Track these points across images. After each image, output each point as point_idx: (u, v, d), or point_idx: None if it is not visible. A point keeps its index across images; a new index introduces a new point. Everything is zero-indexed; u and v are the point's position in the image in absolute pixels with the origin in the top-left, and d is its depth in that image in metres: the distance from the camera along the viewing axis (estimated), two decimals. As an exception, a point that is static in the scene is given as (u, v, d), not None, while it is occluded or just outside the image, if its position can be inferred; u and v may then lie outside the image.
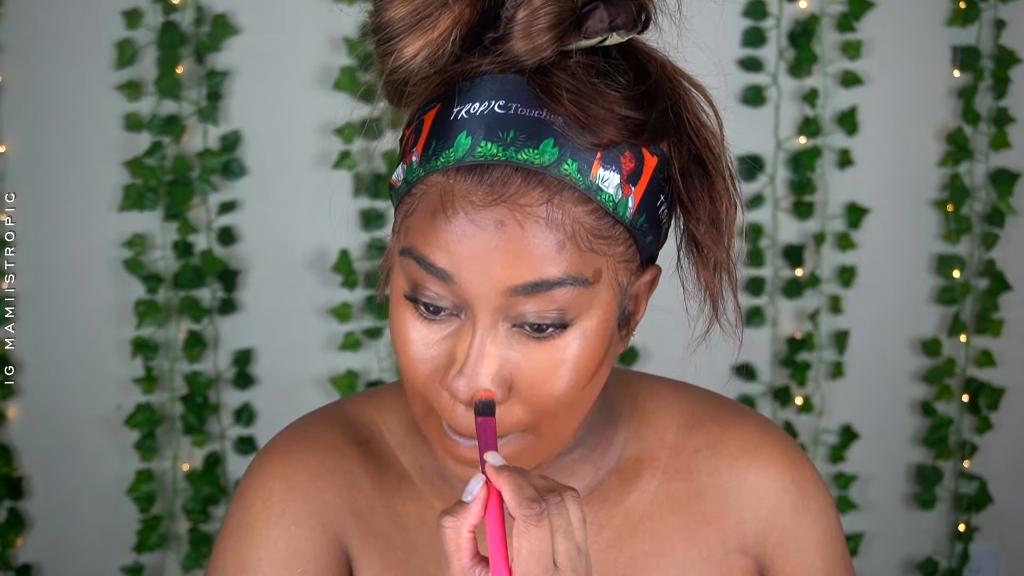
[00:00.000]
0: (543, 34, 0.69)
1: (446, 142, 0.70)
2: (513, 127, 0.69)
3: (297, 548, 0.81)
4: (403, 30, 0.69)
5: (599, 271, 0.71)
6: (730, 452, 0.85)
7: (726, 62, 2.17)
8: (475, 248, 0.68)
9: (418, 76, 0.71)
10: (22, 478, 2.13)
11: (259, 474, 0.84)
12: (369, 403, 0.87)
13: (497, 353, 0.70)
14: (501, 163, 0.69)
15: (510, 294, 0.69)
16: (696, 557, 0.83)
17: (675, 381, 0.90)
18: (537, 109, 0.69)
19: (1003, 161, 2.25)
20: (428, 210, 0.70)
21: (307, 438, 0.84)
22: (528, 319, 0.70)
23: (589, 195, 0.69)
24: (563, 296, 0.69)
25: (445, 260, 0.69)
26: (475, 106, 0.70)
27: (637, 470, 0.85)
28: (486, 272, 0.68)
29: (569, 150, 0.69)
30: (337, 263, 2.11)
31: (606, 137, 0.69)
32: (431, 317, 0.72)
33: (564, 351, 0.71)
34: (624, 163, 0.70)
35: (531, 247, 0.68)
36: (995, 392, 2.28)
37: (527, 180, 0.69)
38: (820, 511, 0.86)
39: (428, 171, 0.71)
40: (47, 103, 2.07)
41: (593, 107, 0.69)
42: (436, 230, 0.69)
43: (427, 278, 0.70)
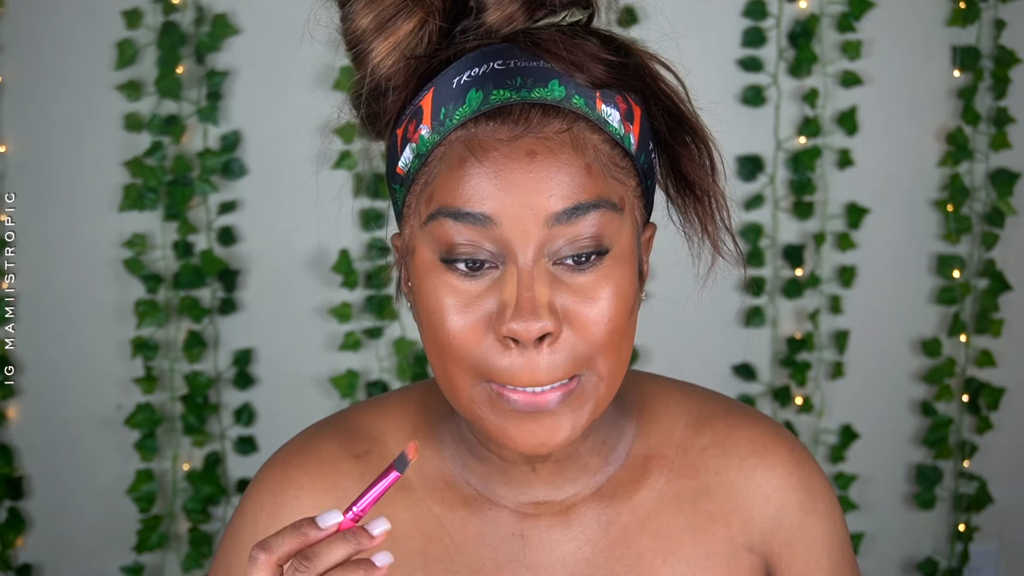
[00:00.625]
0: (513, 3, 0.73)
1: (457, 102, 0.72)
2: (519, 75, 0.72)
3: None
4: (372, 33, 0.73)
5: (623, 198, 0.74)
6: (738, 452, 0.86)
7: (726, 62, 2.17)
8: (512, 183, 0.71)
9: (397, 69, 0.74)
10: (22, 478, 2.13)
11: (257, 485, 0.86)
12: (374, 411, 0.88)
13: (544, 287, 0.71)
14: (518, 103, 0.72)
15: (551, 224, 0.71)
16: (703, 555, 0.84)
17: (682, 382, 0.91)
18: (534, 60, 0.73)
19: (1003, 161, 2.25)
20: (455, 163, 0.72)
21: (305, 451, 0.86)
22: (566, 252, 0.72)
23: (600, 125, 0.74)
24: (597, 220, 0.72)
25: (481, 204, 0.71)
26: (474, 70, 0.73)
27: (645, 467, 0.85)
28: (526, 205, 0.71)
29: (573, 88, 0.73)
30: (337, 263, 2.11)
31: (598, 76, 0.73)
32: (470, 274, 0.73)
33: (606, 276, 0.73)
34: (619, 103, 0.75)
35: (564, 172, 0.71)
36: (995, 392, 2.28)
37: (546, 113, 0.72)
38: (827, 512, 0.87)
39: (444, 133, 0.73)
40: (47, 103, 2.07)
41: (580, 53, 0.73)
42: (468, 176, 0.71)
43: (462, 230, 0.71)
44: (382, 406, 0.89)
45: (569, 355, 0.72)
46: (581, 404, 0.74)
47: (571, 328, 0.72)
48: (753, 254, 2.21)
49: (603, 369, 0.74)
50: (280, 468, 0.85)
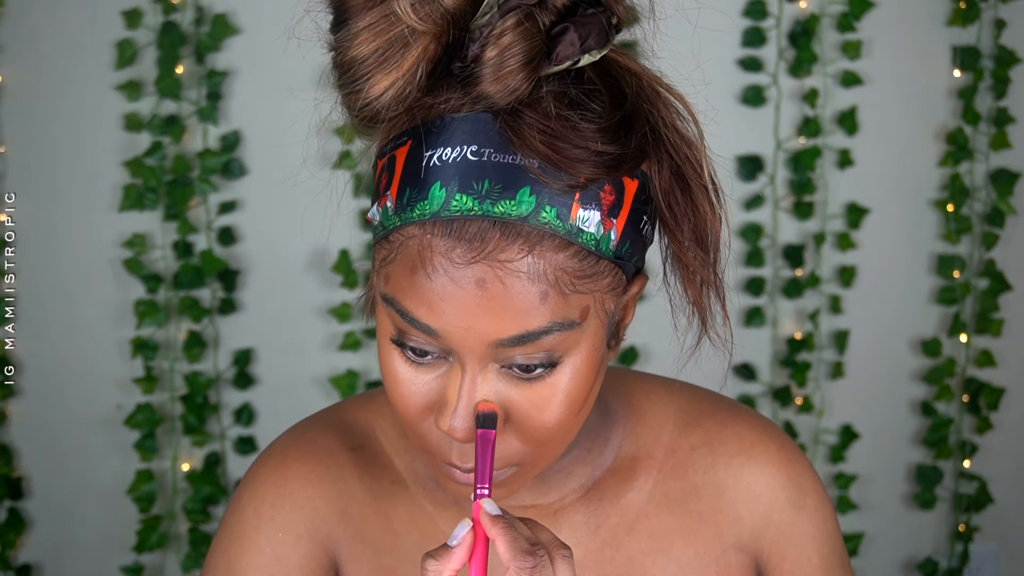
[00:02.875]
0: (514, 75, 0.66)
1: (420, 193, 0.68)
2: (488, 176, 0.66)
3: (283, 555, 0.82)
4: (368, 70, 0.67)
5: (586, 309, 0.70)
6: (726, 450, 0.86)
7: (726, 62, 2.17)
8: (457, 306, 0.67)
9: (387, 113, 0.69)
10: (22, 478, 2.13)
11: (253, 480, 0.85)
12: (365, 407, 0.88)
13: (489, 390, 0.70)
14: (478, 217, 0.66)
15: (496, 346, 0.68)
16: (692, 555, 0.83)
17: (670, 379, 0.90)
18: (510, 154, 0.67)
19: (1003, 161, 2.25)
20: (407, 264, 0.69)
21: (302, 444, 0.85)
22: (516, 362, 0.69)
23: (570, 239, 0.67)
24: (550, 341, 0.69)
25: (428, 316, 0.68)
26: (447, 152, 0.67)
27: (633, 469, 0.85)
28: (470, 329, 0.68)
29: (546, 196, 0.67)
30: (337, 263, 2.11)
31: (583, 176, 0.67)
32: (418, 360, 0.71)
33: (555, 386, 0.71)
34: (604, 198, 0.68)
35: (514, 302, 0.67)
36: (995, 392, 2.28)
37: (505, 234, 0.66)
38: (816, 508, 0.87)
39: (404, 222, 0.69)
40: (47, 103, 2.07)
41: (567, 147, 0.66)
42: (416, 287, 0.68)
43: (411, 329, 0.70)
44: (371, 402, 0.88)
45: (503, 452, 0.72)
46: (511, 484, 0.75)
47: (513, 427, 0.72)
48: (753, 254, 2.21)
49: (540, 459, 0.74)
50: (279, 461, 0.84)
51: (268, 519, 0.82)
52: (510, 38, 0.66)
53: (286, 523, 0.82)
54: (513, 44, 0.66)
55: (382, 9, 0.66)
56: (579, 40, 0.68)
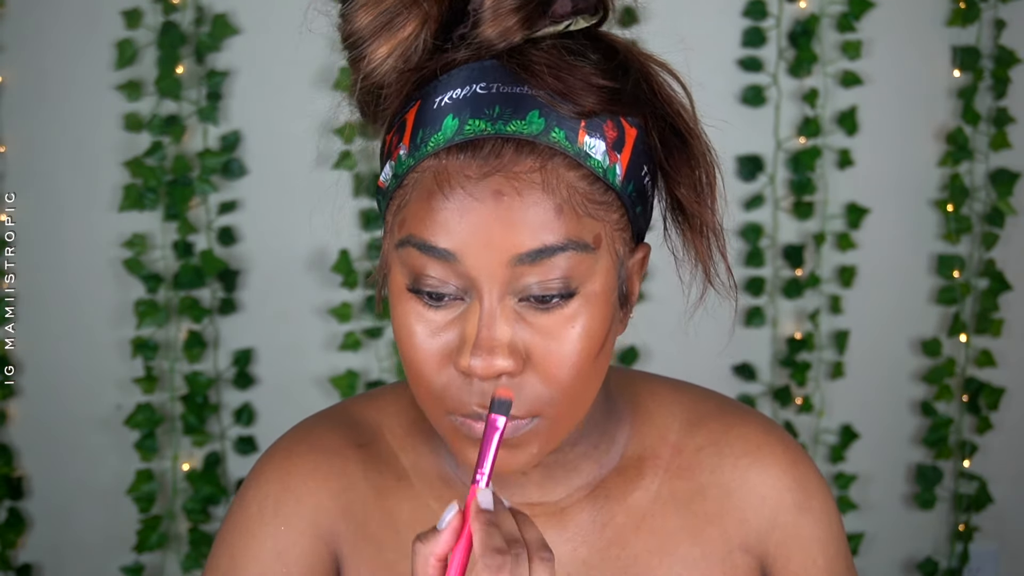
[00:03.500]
0: (511, 16, 0.70)
1: (433, 127, 0.71)
2: (498, 103, 0.70)
3: (283, 549, 0.82)
4: (371, 34, 0.71)
5: (598, 236, 0.72)
6: (732, 451, 0.86)
7: (726, 62, 2.17)
8: (476, 221, 0.69)
9: (391, 77, 0.72)
10: (22, 478, 2.13)
11: (258, 475, 0.85)
12: (371, 404, 0.88)
13: (506, 326, 0.71)
14: (491, 136, 0.70)
15: (515, 264, 0.69)
16: (698, 556, 0.83)
17: (676, 380, 0.91)
18: (519, 85, 0.71)
19: (1003, 161, 2.25)
20: (424, 194, 0.71)
21: (308, 440, 0.85)
22: (533, 291, 0.70)
23: (579, 161, 0.71)
24: (566, 262, 0.70)
25: (447, 239, 0.69)
26: (456, 92, 0.71)
27: (639, 468, 0.85)
28: (489, 244, 0.69)
29: (555, 119, 0.70)
30: (337, 263, 2.11)
31: (587, 105, 0.70)
32: (435, 304, 0.72)
33: (573, 318, 0.71)
34: (607, 131, 0.72)
35: (530, 214, 0.69)
36: (995, 392, 2.28)
37: (519, 149, 0.70)
38: (822, 510, 0.87)
39: (418, 159, 0.71)
40: (47, 103, 2.07)
41: (571, 79, 0.70)
42: (434, 210, 0.70)
43: (428, 263, 0.70)
44: (377, 400, 0.88)
45: (527, 396, 0.72)
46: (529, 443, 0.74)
47: (532, 368, 0.72)
48: (753, 254, 2.21)
49: (559, 413, 0.74)
50: (284, 456, 0.85)
51: (272, 513, 0.83)
52: None
53: (289, 518, 0.82)
54: None
55: None
56: (571, 3, 0.73)
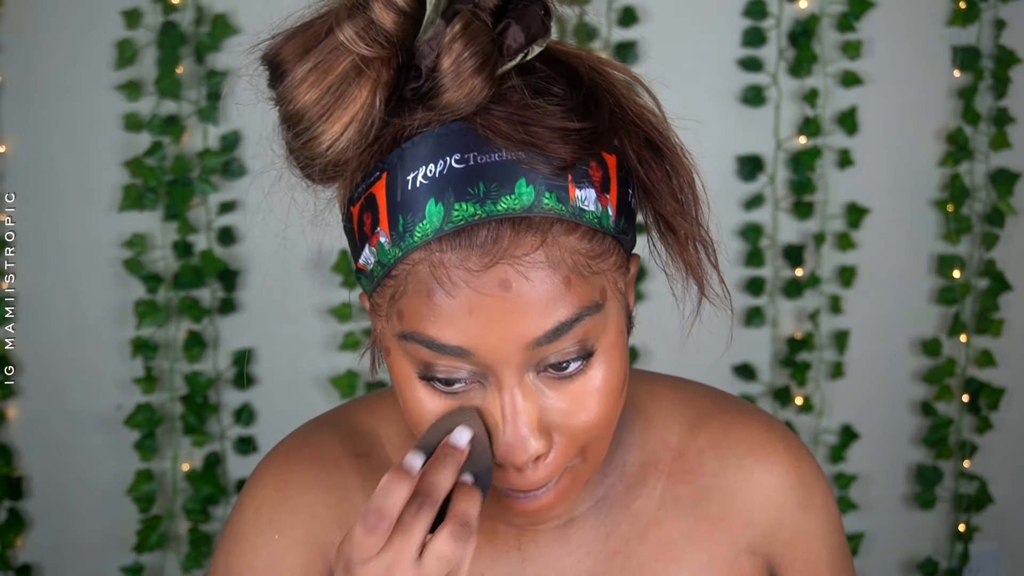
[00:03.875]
0: (474, 77, 0.65)
1: (415, 215, 0.66)
2: (480, 179, 0.65)
3: (277, 558, 0.82)
4: (321, 112, 0.65)
5: (603, 289, 0.69)
6: (735, 452, 0.85)
7: (726, 62, 2.17)
8: (486, 315, 0.65)
9: (349, 155, 0.67)
10: (22, 478, 2.13)
11: (257, 481, 0.85)
12: (370, 412, 0.88)
13: (531, 406, 0.69)
14: (484, 221, 0.65)
15: (532, 347, 0.67)
16: (705, 561, 0.82)
17: (673, 378, 0.90)
18: (495, 151, 0.65)
19: (1003, 161, 2.24)
20: (422, 290, 0.66)
21: (307, 448, 0.85)
22: (550, 361, 0.68)
23: (575, 221, 0.67)
24: (582, 329, 0.67)
25: (457, 336, 0.66)
26: (430, 168, 0.65)
27: (641, 475, 0.84)
28: (504, 336, 0.66)
29: (542, 183, 0.66)
30: (337, 263, 2.11)
31: (569, 158, 0.66)
32: (450, 390, 0.69)
33: (594, 380, 0.69)
34: (593, 174, 0.68)
35: (541, 296, 0.66)
36: (995, 392, 2.28)
37: (515, 229, 0.65)
38: (823, 505, 0.86)
39: (405, 250, 0.66)
40: (47, 103, 2.07)
41: (545, 131, 0.65)
42: (439, 308, 0.66)
43: (439, 357, 0.67)
44: (377, 406, 0.88)
45: (561, 458, 0.71)
46: (570, 489, 0.74)
47: (561, 435, 0.70)
48: (753, 254, 2.21)
49: (592, 455, 0.73)
50: (282, 463, 0.84)
51: (267, 522, 0.82)
52: (461, 43, 0.65)
53: (284, 527, 0.82)
54: (466, 48, 0.65)
55: (323, 48, 0.65)
56: (523, 32, 0.67)
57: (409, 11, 0.65)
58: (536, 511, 0.73)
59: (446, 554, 0.66)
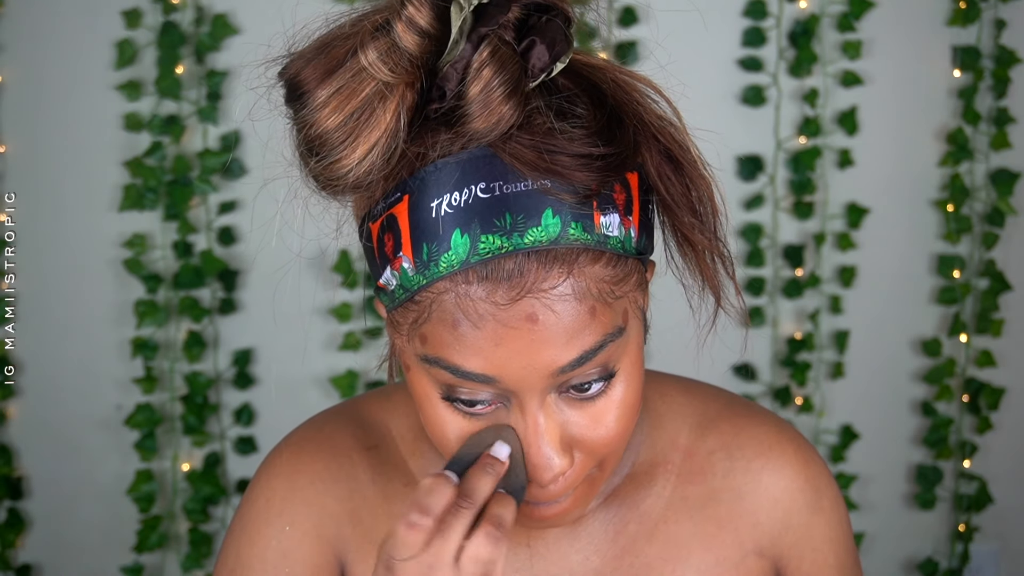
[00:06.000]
0: (503, 104, 0.64)
1: (440, 245, 0.65)
2: (507, 210, 0.64)
3: (288, 549, 0.82)
4: (344, 137, 0.65)
5: (626, 312, 0.69)
6: (744, 454, 0.85)
7: (726, 62, 2.17)
8: (514, 347, 0.66)
9: (372, 177, 0.66)
10: (22, 478, 2.13)
11: (267, 472, 0.85)
12: (382, 405, 0.88)
13: (553, 425, 0.69)
14: (511, 253, 0.64)
15: (556, 375, 0.67)
16: (712, 561, 0.83)
17: (683, 379, 0.90)
18: (520, 180, 0.65)
19: (1003, 161, 2.24)
20: (447, 320, 0.66)
21: (318, 440, 0.85)
22: (572, 383, 0.69)
23: (601, 249, 0.67)
24: (604, 355, 0.68)
25: (484, 365, 0.66)
26: (455, 196, 0.65)
27: (651, 474, 0.84)
28: (530, 365, 0.66)
29: (569, 214, 0.65)
30: (337, 263, 2.11)
31: (594, 185, 0.65)
32: (471, 411, 0.70)
33: (614, 398, 0.70)
34: (617, 198, 0.68)
35: (568, 326, 0.66)
36: (995, 392, 2.28)
37: (543, 262, 0.65)
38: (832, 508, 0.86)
39: (430, 279, 0.66)
40: (47, 103, 2.07)
41: (571, 160, 0.65)
42: (464, 339, 0.66)
43: (463, 382, 0.68)
44: (388, 400, 0.88)
45: (580, 471, 0.72)
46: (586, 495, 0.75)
47: (581, 450, 0.71)
48: (753, 254, 2.21)
49: (609, 464, 0.74)
50: (293, 453, 0.85)
51: (277, 512, 0.82)
52: (490, 71, 0.64)
53: (295, 518, 0.82)
54: (495, 76, 0.64)
55: (345, 72, 0.64)
56: (547, 50, 0.66)
57: (433, 32, 0.64)
58: (553, 516, 0.74)
59: (482, 556, 0.67)
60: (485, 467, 0.69)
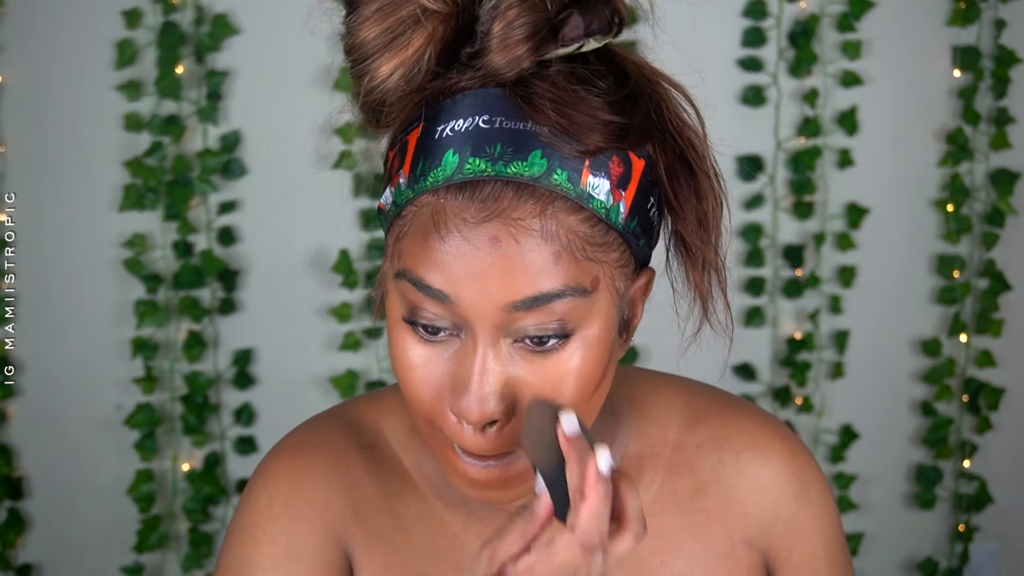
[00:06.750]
0: (520, 45, 0.68)
1: (433, 161, 0.69)
2: (500, 141, 0.68)
3: (298, 545, 0.82)
4: (376, 50, 0.69)
5: (596, 279, 0.70)
6: (733, 447, 0.86)
7: (726, 62, 2.17)
8: (471, 267, 0.68)
9: (394, 95, 0.70)
10: (22, 478, 2.13)
11: (265, 474, 0.85)
12: (372, 406, 0.88)
13: (501, 370, 0.70)
14: (491, 178, 0.68)
15: (509, 310, 0.68)
16: (701, 553, 0.83)
17: (673, 376, 0.91)
18: (522, 121, 0.69)
19: (1003, 161, 2.25)
20: (420, 231, 0.69)
21: (314, 441, 0.85)
22: (529, 332, 0.69)
23: (581, 203, 0.69)
24: (562, 307, 0.69)
25: (441, 280, 0.68)
26: (459, 123, 0.69)
27: (640, 468, 0.85)
28: (484, 290, 0.68)
29: (557, 159, 0.68)
30: (337, 263, 2.11)
31: (592, 144, 0.68)
32: (431, 339, 0.71)
33: (568, 362, 0.70)
34: (613, 168, 0.70)
35: (527, 261, 0.68)
36: (995, 392, 2.28)
37: (518, 193, 0.68)
38: (820, 500, 0.87)
39: (417, 192, 0.70)
40: (47, 103, 2.07)
41: (577, 115, 0.68)
42: (430, 251, 0.68)
43: (424, 299, 0.69)
44: (378, 402, 0.88)
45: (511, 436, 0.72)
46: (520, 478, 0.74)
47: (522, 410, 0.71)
48: (753, 254, 2.21)
49: None
50: (292, 455, 0.85)
51: (281, 510, 0.82)
52: (516, 11, 0.68)
53: (300, 515, 0.82)
54: (519, 17, 0.68)
55: None
56: (584, 24, 0.69)
57: None
58: (476, 481, 0.74)
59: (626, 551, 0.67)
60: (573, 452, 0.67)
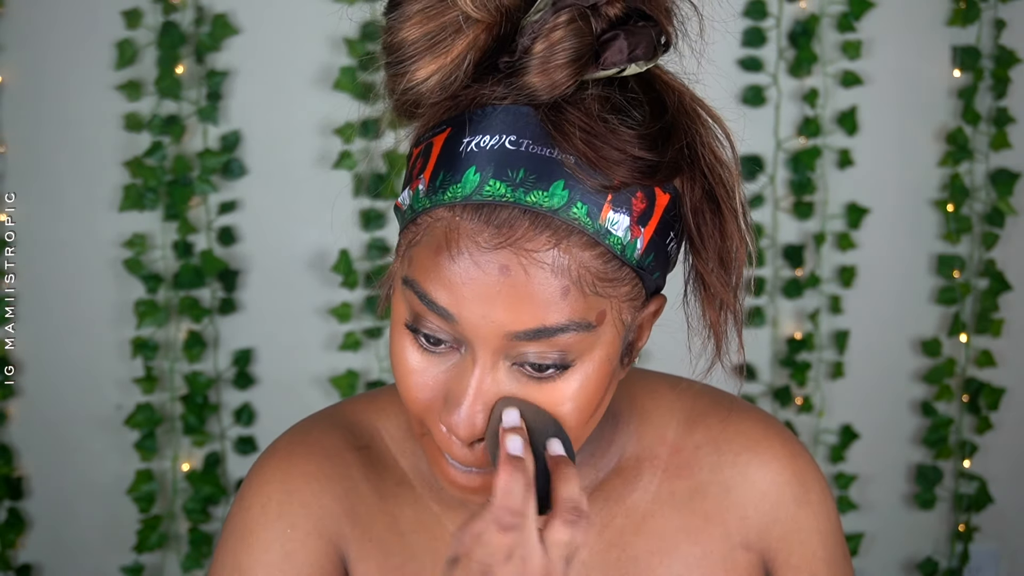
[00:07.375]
0: (560, 70, 0.67)
1: (454, 176, 0.68)
2: (523, 166, 0.67)
3: (292, 551, 0.81)
4: (416, 53, 0.68)
5: (603, 313, 0.69)
6: (731, 448, 0.86)
7: (726, 62, 2.17)
8: (478, 291, 0.67)
9: (429, 100, 0.69)
10: (22, 478, 2.13)
11: (258, 478, 0.84)
12: (369, 407, 0.88)
13: (496, 391, 0.70)
14: (509, 204, 0.67)
15: (511, 338, 0.68)
16: (699, 555, 0.83)
17: (672, 376, 0.91)
18: (548, 147, 0.67)
19: (1003, 161, 2.25)
20: (432, 245, 0.69)
21: (307, 442, 0.85)
22: (529, 360, 0.69)
23: (597, 239, 0.67)
24: (565, 340, 0.68)
25: (447, 299, 0.68)
26: (485, 139, 0.68)
27: (638, 469, 0.85)
28: (487, 316, 0.67)
29: (579, 192, 0.67)
30: (337, 263, 2.11)
31: (617, 179, 0.67)
32: (431, 348, 0.71)
33: (565, 391, 0.70)
34: (635, 204, 0.68)
35: (535, 294, 0.67)
36: (995, 392, 2.28)
37: (535, 224, 0.66)
38: (820, 502, 0.87)
39: (434, 204, 0.69)
40: (47, 103, 2.07)
41: (605, 148, 0.67)
42: (439, 268, 0.68)
43: (428, 312, 0.69)
44: (374, 402, 0.88)
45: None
46: None
47: None
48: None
49: None
50: (284, 457, 0.84)
51: (275, 516, 0.82)
52: (561, 33, 0.66)
53: (294, 520, 0.82)
54: (563, 39, 0.66)
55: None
56: (627, 49, 0.68)
57: None
58: (460, 485, 0.74)
59: (564, 539, 0.67)
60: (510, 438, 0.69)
